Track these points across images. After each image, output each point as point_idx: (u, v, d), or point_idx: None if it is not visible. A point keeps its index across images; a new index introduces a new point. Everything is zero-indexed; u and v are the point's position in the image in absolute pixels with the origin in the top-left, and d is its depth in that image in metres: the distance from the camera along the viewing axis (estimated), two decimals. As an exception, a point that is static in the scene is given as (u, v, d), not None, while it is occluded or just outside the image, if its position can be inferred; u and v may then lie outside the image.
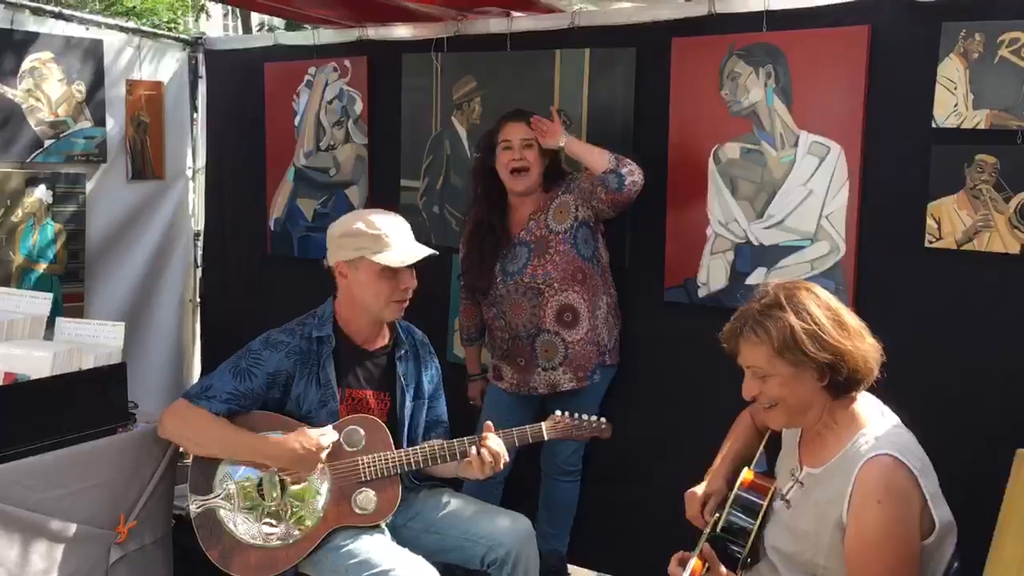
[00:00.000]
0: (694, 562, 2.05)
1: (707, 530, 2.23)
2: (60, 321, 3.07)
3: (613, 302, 3.43)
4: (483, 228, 3.41)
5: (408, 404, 2.83)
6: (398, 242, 2.70)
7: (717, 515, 2.24)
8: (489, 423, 2.76)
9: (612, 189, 3.16)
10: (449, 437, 2.93)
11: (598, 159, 3.18)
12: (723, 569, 2.11)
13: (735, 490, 2.22)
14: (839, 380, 2.00)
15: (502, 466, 2.68)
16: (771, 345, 2.02)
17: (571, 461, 3.51)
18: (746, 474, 2.26)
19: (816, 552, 2.02)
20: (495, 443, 2.68)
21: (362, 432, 2.70)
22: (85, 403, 2.76)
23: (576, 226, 3.29)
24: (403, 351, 2.85)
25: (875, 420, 2.03)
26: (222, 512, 2.65)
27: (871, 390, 2.11)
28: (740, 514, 2.19)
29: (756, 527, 2.16)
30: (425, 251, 2.73)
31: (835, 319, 2.01)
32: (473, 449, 2.67)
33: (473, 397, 3.72)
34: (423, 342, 2.95)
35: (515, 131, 3.31)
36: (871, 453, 1.94)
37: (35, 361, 2.76)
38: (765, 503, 2.18)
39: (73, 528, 2.64)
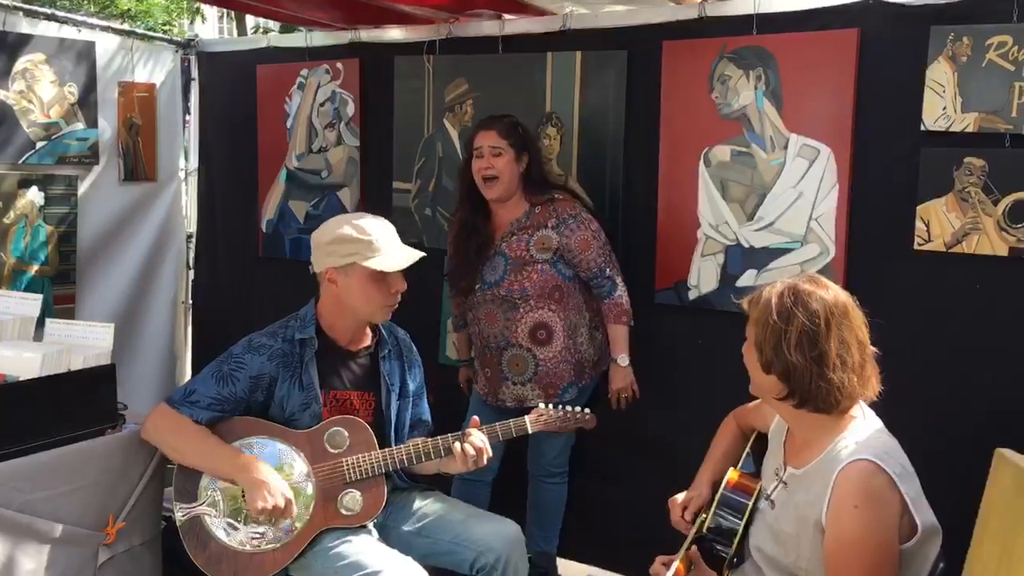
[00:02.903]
0: (676, 565, 2.05)
1: (692, 532, 2.23)
2: (50, 322, 3.06)
3: (597, 316, 3.42)
4: (468, 229, 3.40)
5: (394, 404, 2.84)
6: (388, 246, 2.70)
7: (704, 516, 2.24)
8: (476, 418, 2.77)
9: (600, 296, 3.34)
10: (432, 436, 2.95)
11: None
12: (708, 570, 2.12)
13: (720, 490, 2.23)
14: (786, 387, 2.00)
15: (485, 461, 2.69)
16: (753, 314, 2.07)
17: (557, 462, 3.51)
18: (731, 474, 2.26)
19: (798, 555, 2.02)
20: (478, 438, 2.69)
21: (345, 433, 2.70)
22: (74, 404, 2.75)
23: (556, 257, 3.28)
24: (387, 351, 2.86)
25: (857, 424, 2.03)
26: (208, 519, 2.64)
27: None
28: (726, 514, 2.19)
29: (742, 527, 2.16)
30: (417, 254, 2.74)
31: (810, 336, 1.97)
32: (457, 444, 2.68)
33: (461, 382, 3.70)
34: (406, 341, 2.95)
35: (485, 139, 3.30)
36: (850, 458, 1.94)
37: (24, 362, 2.75)
38: (751, 503, 2.18)
39: (61, 529, 2.63)
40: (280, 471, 2.64)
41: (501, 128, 3.31)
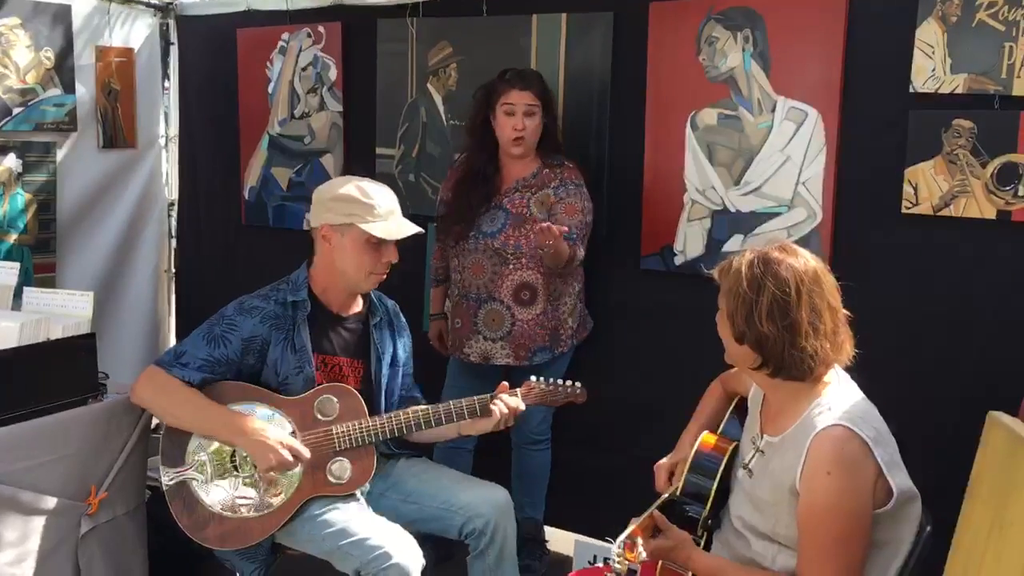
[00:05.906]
0: (631, 528, 2.02)
1: (663, 496, 2.23)
2: (28, 291, 3.02)
3: (580, 289, 3.40)
4: (476, 177, 3.35)
5: (384, 372, 2.82)
6: (389, 215, 2.68)
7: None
8: (504, 384, 2.73)
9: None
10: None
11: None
12: (678, 532, 2.10)
13: (692, 453, 2.22)
14: (760, 356, 1.99)
15: (503, 426, 2.71)
16: (724, 284, 2.05)
17: (540, 429, 3.50)
18: (704, 437, 2.26)
19: (777, 522, 2.02)
20: (514, 400, 2.69)
21: (335, 401, 2.68)
22: (53, 374, 2.72)
23: (552, 220, 3.21)
24: (378, 318, 2.85)
25: (831, 389, 2.02)
26: (195, 484, 2.62)
27: None
28: (697, 476, 2.19)
29: (714, 488, 2.16)
30: (414, 228, 2.71)
31: (781, 305, 1.95)
32: (494, 407, 2.68)
33: (432, 338, 3.63)
34: (395, 310, 2.95)
35: (520, 98, 3.24)
36: (825, 424, 1.93)
37: (2, 332, 2.71)
38: (722, 464, 2.17)
39: (43, 500, 2.61)
40: None
41: (538, 88, 3.27)
